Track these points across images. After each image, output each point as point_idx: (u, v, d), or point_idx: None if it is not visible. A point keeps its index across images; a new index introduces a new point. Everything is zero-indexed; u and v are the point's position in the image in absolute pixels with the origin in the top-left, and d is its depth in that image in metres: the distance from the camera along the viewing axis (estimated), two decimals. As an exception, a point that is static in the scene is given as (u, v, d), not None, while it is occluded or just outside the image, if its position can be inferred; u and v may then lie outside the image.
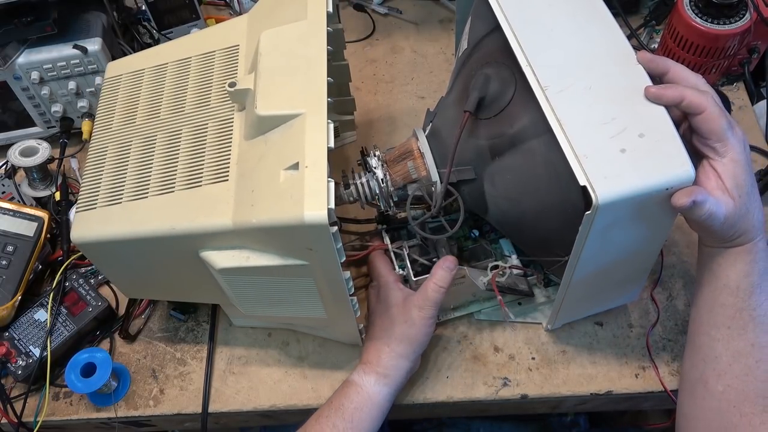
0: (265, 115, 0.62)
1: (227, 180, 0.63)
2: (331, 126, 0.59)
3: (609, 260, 0.63)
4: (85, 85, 0.92)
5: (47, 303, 0.79)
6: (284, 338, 0.81)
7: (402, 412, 0.80)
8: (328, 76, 0.63)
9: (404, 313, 0.71)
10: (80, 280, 0.82)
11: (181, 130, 0.69)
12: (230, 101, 0.68)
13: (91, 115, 0.96)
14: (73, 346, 0.80)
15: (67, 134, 0.96)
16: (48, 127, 0.97)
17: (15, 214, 0.83)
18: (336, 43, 0.80)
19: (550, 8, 0.65)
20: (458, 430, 1.01)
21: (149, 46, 1.06)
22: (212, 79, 0.72)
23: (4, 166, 0.95)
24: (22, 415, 0.77)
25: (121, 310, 0.84)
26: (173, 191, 0.64)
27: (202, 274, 0.66)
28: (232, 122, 0.67)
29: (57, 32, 0.87)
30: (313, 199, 0.54)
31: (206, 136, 0.67)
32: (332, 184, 0.55)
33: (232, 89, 0.65)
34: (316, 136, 0.58)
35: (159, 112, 0.71)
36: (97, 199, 0.67)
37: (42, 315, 0.80)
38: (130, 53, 0.99)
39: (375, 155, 0.72)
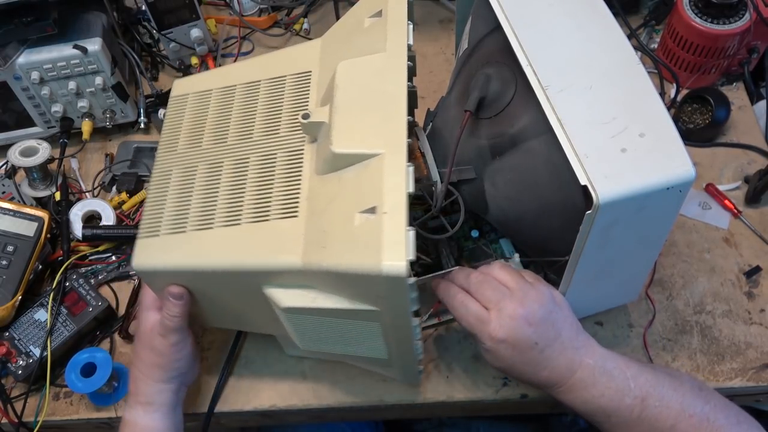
0: (340, 153, 0.58)
1: (296, 216, 0.60)
2: (411, 169, 0.56)
3: (609, 260, 0.63)
4: (85, 85, 0.92)
5: (47, 303, 0.79)
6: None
7: (402, 412, 0.80)
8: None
9: (150, 341, 0.69)
10: (80, 280, 0.82)
11: (249, 158, 0.66)
12: (301, 131, 0.65)
13: (91, 114, 0.96)
14: (73, 346, 0.80)
15: (67, 134, 0.96)
16: (48, 127, 0.97)
17: (15, 214, 0.83)
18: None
19: (551, 8, 0.65)
20: (458, 430, 1.01)
21: (149, 46, 1.06)
22: (282, 106, 0.69)
23: (4, 166, 0.95)
24: (23, 415, 0.77)
25: (121, 310, 0.84)
26: (240, 224, 0.61)
27: (262, 309, 0.64)
28: (303, 154, 0.64)
29: (57, 32, 0.86)
30: (392, 250, 0.51)
31: (275, 166, 0.64)
32: (412, 234, 0.52)
33: (305, 121, 0.62)
34: (395, 179, 0.55)
35: (226, 137, 0.69)
36: (160, 226, 0.64)
37: (42, 315, 0.80)
38: (130, 53, 0.99)
39: (375, 155, 0.72)
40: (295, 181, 0.62)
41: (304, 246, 0.58)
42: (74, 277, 0.82)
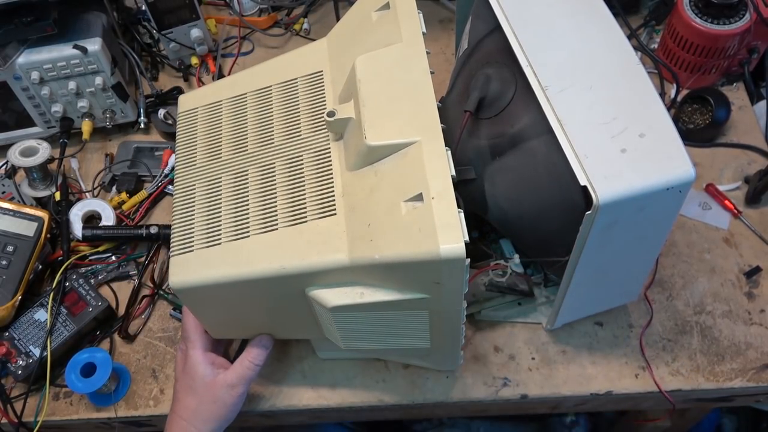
0: (376, 145, 0.58)
1: (335, 214, 0.60)
2: (450, 153, 0.56)
3: (609, 260, 0.63)
4: (85, 85, 0.92)
5: (47, 303, 0.79)
6: (284, 339, 0.81)
7: (402, 412, 0.80)
8: None
9: (212, 392, 0.68)
10: (80, 280, 0.82)
11: (274, 163, 0.65)
12: (324, 131, 0.65)
13: (91, 114, 0.96)
14: (73, 346, 0.80)
15: (67, 134, 0.96)
16: (48, 127, 0.97)
17: (15, 214, 0.83)
18: None
19: (551, 8, 0.65)
20: (458, 430, 1.01)
21: (149, 46, 1.06)
22: (299, 108, 0.68)
23: (4, 166, 0.95)
24: (23, 415, 0.77)
25: (121, 310, 0.84)
26: (277, 228, 0.61)
27: (301, 313, 0.65)
28: (329, 152, 0.64)
29: (57, 32, 0.86)
30: (448, 233, 0.52)
31: (303, 168, 0.64)
32: (463, 215, 0.53)
33: (331, 119, 0.62)
34: (437, 164, 0.55)
35: (246, 146, 0.68)
36: (192, 242, 0.63)
37: (42, 315, 0.80)
38: (130, 53, 0.99)
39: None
40: (327, 179, 0.62)
41: (349, 242, 0.58)
42: (74, 277, 0.82)
